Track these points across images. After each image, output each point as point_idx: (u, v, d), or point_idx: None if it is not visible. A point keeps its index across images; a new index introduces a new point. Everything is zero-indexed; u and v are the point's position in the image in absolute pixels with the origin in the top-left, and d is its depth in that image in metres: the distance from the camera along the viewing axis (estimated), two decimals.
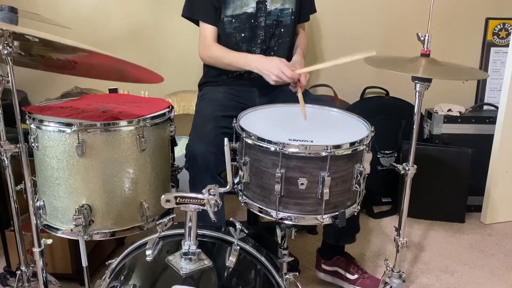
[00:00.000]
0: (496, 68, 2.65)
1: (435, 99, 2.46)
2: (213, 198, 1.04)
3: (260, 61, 1.64)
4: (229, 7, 1.74)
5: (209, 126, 1.57)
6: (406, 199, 1.58)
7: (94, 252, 1.80)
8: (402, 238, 1.60)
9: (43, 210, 1.38)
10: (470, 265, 2.03)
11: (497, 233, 2.30)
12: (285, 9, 1.78)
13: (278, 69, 1.56)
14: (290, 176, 1.24)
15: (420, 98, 1.47)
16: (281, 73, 1.56)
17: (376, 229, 2.30)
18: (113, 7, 2.54)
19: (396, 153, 2.49)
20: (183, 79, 2.43)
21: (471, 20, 2.60)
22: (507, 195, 2.38)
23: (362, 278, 1.75)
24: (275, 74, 1.56)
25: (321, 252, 1.86)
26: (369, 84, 2.59)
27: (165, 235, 1.20)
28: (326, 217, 1.29)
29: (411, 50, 1.57)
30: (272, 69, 1.57)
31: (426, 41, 1.45)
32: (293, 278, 1.27)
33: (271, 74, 1.58)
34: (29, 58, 1.27)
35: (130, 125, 1.31)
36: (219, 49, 1.77)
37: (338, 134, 1.38)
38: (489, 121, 2.38)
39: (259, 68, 1.62)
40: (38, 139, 1.31)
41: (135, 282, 1.07)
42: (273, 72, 1.57)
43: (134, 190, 1.36)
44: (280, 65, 1.57)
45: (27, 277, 1.47)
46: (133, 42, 2.57)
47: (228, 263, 1.08)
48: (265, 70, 1.60)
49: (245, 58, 1.70)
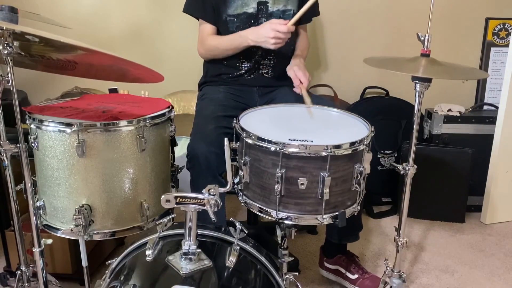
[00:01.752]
0: (496, 68, 2.65)
1: (435, 99, 2.46)
2: (213, 198, 1.04)
3: (254, 32, 1.65)
4: (230, 6, 1.74)
5: (211, 126, 1.57)
6: (406, 199, 1.58)
7: (94, 252, 1.80)
8: (402, 238, 1.60)
9: (43, 210, 1.38)
10: (470, 265, 2.02)
11: (497, 233, 2.30)
12: (287, 11, 1.78)
13: (271, 30, 1.57)
14: (290, 176, 1.24)
15: (420, 98, 1.47)
16: (277, 32, 1.56)
17: (376, 229, 2.30)
18: (113, 7, 2.54)
19: (396, 153, 2.49)
20: (183, 79, 2.43)
21: (471, 20, 2.60)
22: (507, 195, 2.38)
23: (362, 278, 1.75)
24: (271, 36, 1.57)
25: (324, 250, 1.86)
26: (369, 84, 2.59)
27: (165, 235, 1.20)
28: (326, 217, 1.29)
29: (411, 50, 1.57)
30: (266, 33, 1.58)
31: (426, 41, 1.45)
32: (293, 278, 1.27)
33: (268, 38, 1.58)
34: (29, 58, 1.27)
35: (130, 125, 1.31)
36: (214, 38, 1.79)
37: (338, 134, 1.38)
38: (489, 121, 2.38)
39: (255, 39, 1.63)
40: (38, 139, 1.31)
41: (135, 282, 1.07)
42: (268, 36, 1.58)
43: (134, 190, 1.36)
44: (272, 26, 1.58)
45: (27, 277, 1.47)
46: (133, 42, 2.57)
47: (228, 263, 1.08)
48: (261, 38, 1.61)
49: (239, 35, 1.70)
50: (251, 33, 1.66)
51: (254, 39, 1.63)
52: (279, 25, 1.57)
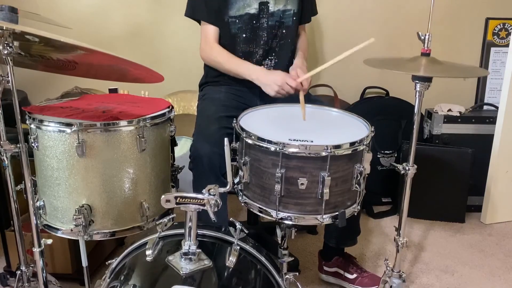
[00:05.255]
0: (496, 68, 2.65)
1: (435, 99, 2.46)
2: (213, 198, 1.04)
3: (263, 72, 1.65)
4: (232, 7, 1.74)
5: (213, 127, 1.57)
6: (406, 199, 1.58)
7: (94, 252, 1.80)
8: (402, 238, 1.60)
9: (43, 210, 1.38)
10: (470, 265, 2.02)
11: (497, 233, 2.30)
12: (287, 10, 1.78)
13: (282, 79, 1.57)
14: (290, 176, 1.24)
15: (420, 98, 1.47)
16: (285, 84, 1.56)
17: (376, 229, 2.30)
18: (113, 7, 2.54)
19: (396, 153, 2.49)
20: (183, 79, 2.43)
21: (471, 20, 2.60)
22: (507, 195, 2.38)
23: (361, 277, 1.76)
24: (278, 84, 1.56)
25: (322, 254, 1.87)
26: (369, 84, 2.59)
27: (165, 235, 1.19)
28: (326, 217, 1.29)
29: (411, 50, 1.57)
30: (276, 80, 1.58)
31: (427, 40, 1.45)
32: (293, 278, 1.27)
33: (273, 84, 1.58)
34: (29, 58, 1.27)
35: (130, 125, 1.31)
36: (221, 54, 1.76)
37: (338, 134, 1.38)
38: (489, 121, 2.38)
39: (261, 78, 1.63)
40: (38, 139, 1.31)
41: (135, 282, 1.07)
42: (276, 83, 1.57)
43: (134, 190, 1.36)
44: (284, 76, 1.58)
45: (27, 277, 1.47)
46: (133, 42, 2.57)
47: (228, 263, 1.08)
48: (268, 80, 1.60)
49: (247, 67, 1.70)
50: (260, 73, 1.65)
51: (260, 78, 1.63)
52: (290, 78, 1.57)
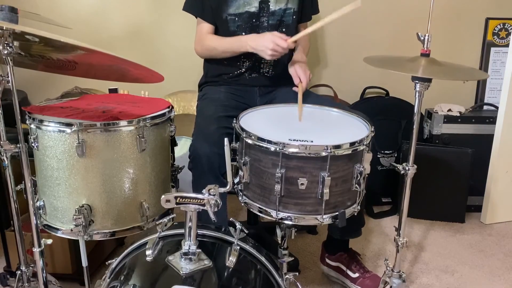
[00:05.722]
0: (496, 68, 2.64)
1: (435, 99, 2.46)
2: (213, 198, 1.04)
3: (253, 39, 1.66)
4: (232, 5, 1.74)
5: (213, 127, 1.57)
6: (406, 199, 1.58)
7: (94, 252, 1.80)
8: (402, 238, 1.60)
9: (43, 210, 1.38)
10: (470, 265, 2.02)
11: (497, 233, 2.30)
12: (288, 9, 1.78)
13: (272, 42, 1.58)
14: (290, 176, 1.24)
15: (420, 98, 1.47)
16: (276, 45, 1.58)
17: (376, 229, 2.30)
18: (113, 7, 2.54)
19: (396, 153, 2.49)
20: (183, 79, 2.43)
21: (471, 20, 2.60)
22: (507, 195, 2.37)
23: (363, 277, 1.75)
24: (270, 48, 1.58)
25: (326, 245, 1.86)
26: (369, 84, 2.59)
27: (165, 235, 1.20)
28: (326, 217, 1.29)
29: (411, 50, 1.57)
30: (266, 43, 1.59)
31: (426, 40, 1.45)
32: (293, 278, 1.27)
33: (266, 49, 1.59)
34: (29, 58, 1.27)
35: (130, 125, 1.31)
36: (212, 39, 1.80)
37: (338, 134, 1.38)
38: (489, 121, 2.38)
39: (253, 46, 1.64)
40: (38, 139, 1.31)
41: (135, 282, 1.07)
42: (267, 46, 1.59)
43: (134, 190, 1.36)
44: (273, 38, 1.59)
45: (27, 277, 1.47)
46: (133, 42, 2.57)
47: (228, 263, 1.08)
48: (259, 46, 1.62)
49: (239, 40, 1.72)
50: (251, 39, 1.67)
51: (253, 46, 1.64)
52: (280, 39, 1.58)
